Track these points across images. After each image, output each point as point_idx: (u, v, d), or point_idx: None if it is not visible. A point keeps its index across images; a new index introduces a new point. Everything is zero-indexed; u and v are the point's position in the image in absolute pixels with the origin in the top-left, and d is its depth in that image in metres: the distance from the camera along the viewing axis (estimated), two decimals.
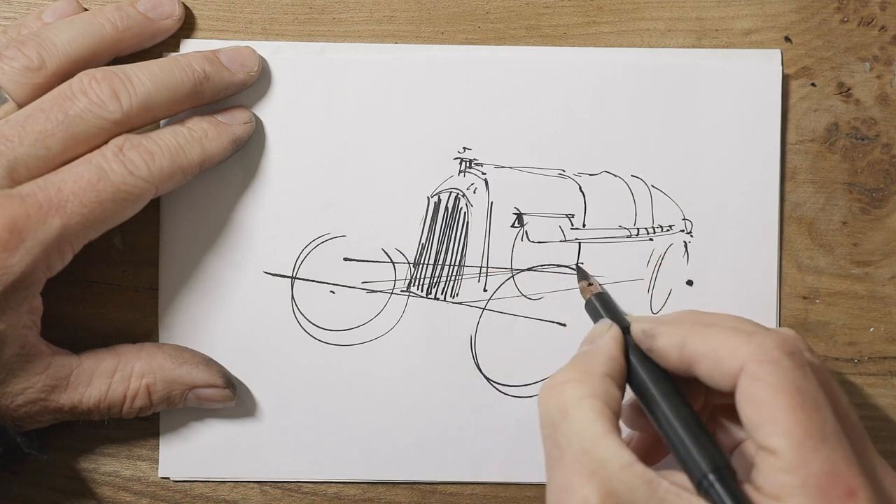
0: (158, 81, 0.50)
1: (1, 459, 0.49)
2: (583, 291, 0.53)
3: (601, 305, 0.52)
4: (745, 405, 0.42)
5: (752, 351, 0.42)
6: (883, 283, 0.55)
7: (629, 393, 0.47)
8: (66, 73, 0.50)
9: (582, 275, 0.54)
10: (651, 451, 0.50)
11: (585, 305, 0.53)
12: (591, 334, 0.49)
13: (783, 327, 0.46)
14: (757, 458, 0.42)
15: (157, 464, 0.55)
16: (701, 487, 0.42)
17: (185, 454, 0.54)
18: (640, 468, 0.42)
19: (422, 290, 0.55)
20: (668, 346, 0.46)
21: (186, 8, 0.54)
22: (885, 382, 0.55)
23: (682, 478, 0.43)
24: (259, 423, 0.55)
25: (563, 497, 0.42)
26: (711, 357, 0.44)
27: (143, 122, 0.50)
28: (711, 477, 0.42)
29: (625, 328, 0.49)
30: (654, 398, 0.46)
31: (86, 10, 0.53)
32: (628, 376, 0.47)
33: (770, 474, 0.41)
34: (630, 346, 0.48)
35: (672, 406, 0.45)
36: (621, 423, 0.46)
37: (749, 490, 0.41)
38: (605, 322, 0.50)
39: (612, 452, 0.42)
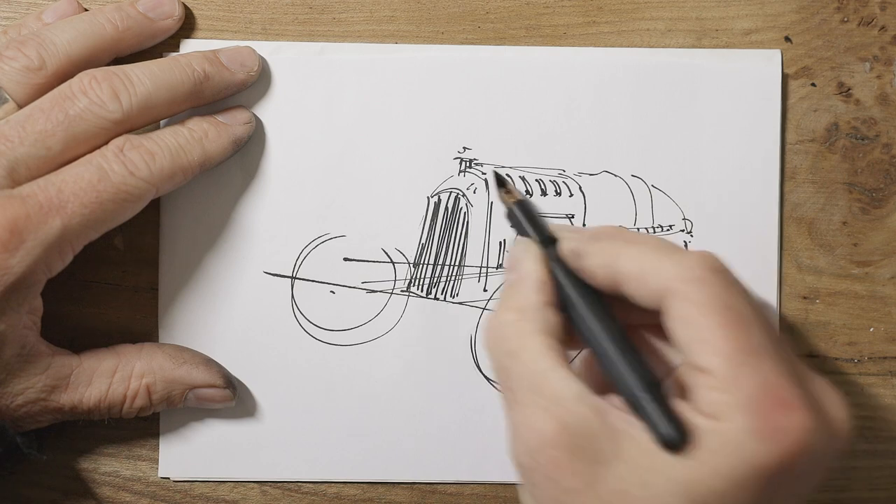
0: (158, 81, 0.50)
1: (1, 460, 0.49)
2: (502, 200, 0.50)
3: (524, 215, 0.49)
4: (675, 325, 0.42)
5: (678, 270, 0.42)
6: (883, 283, 0.55)
7: None
8: (66, 74, 0.50)
9: (499, 181, 0.51)
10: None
11: (506, 215, 0.50)
12: (511, 258, 0.48)
13: (708, 251, 0.45)
14: (690, 378, 0.42)
15: (157, 464, 0.55)
16: (633, 405, 0.42)
17: (185, 454, 0.54)
18: (590, 399, 0.42)
19: (422, 290, 0.55)
20: (596, 265, 0.45)
21: (186, 8, 0.54)
22: (885, 382, 0.55)
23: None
24: (259, 423, 0.55)
25: (521, 433, 0.42)
26: (638, 277, 0.43)
27: (143, 122, 0.50)
28: (641, 395, 0.42)
29: (546, 239, 0.47)
30: (581, 317, 0.45)
31: (86, 10, 0.53)
32: (556, 293, 0.46)
33: (705, 393, 0.41)
34: (554, 262, 0.47)
35: (600, 324, 0.45)
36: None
37: (686, 410, 0.41)
38: (523, 241, 0.48)
39: (562, 385, 0.42)
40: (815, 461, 0.41)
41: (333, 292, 0.55)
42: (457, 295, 0.55)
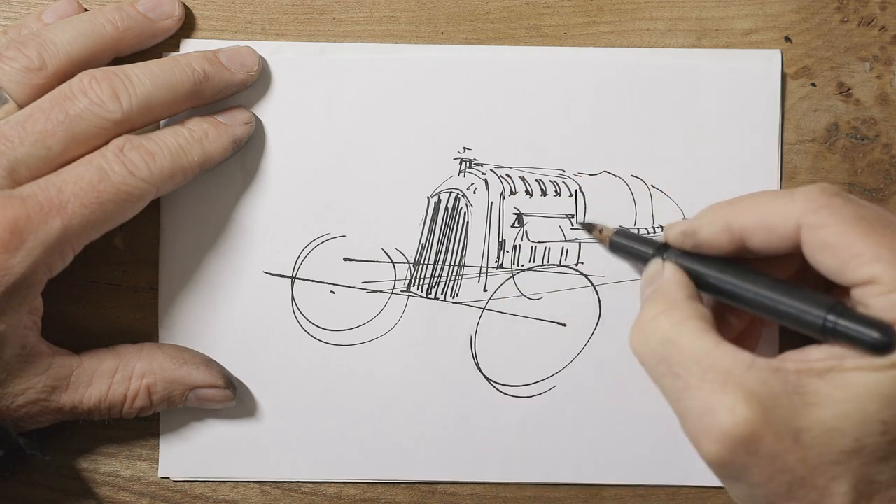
0: (158, 81, 0.50)
1: (3, 460, 0.49)
2: (600, 240, 0.52)
3: (627, 239, 0.51)
4: (821, 255, 0.42)
5: (801, 206, 0.43)
6: None
7: None
8: (66, 74, 0.50)
9: (588, 227, 0.53)
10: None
11: (610, 249, 0.51)
12: (647, 277, 0.49)
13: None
14: (857, 297, 0.42)
15: (157, 464, 0.55)
16: (827, 332, 0.42)
17: (185, 454, 0.54)
18: (762, 361, 0.42)
19: (422, 290, 0.55)
20: (714, 232, 0.46)
21: (186, 8, 0.54)
22: None
23: (796, 355, 0.43)
24: (259, 423, 0.55)
25: (709, 420, 0.42)
26: (763, 226, 0.44)
27: (143, 122, 0.50)
28: (832, 317, 0.42)
29: (661, 246, 0.48)
30: (733, 285, 0.46)
31: (86, 10, 0.53)
32: (699, 287, 0.47)
33: (879, 302, 0.41)
34: (682, 258, 0.47)
35: (754, 280, 0.45)
36: None
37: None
38: (655, 262, 0.49)
39: (733, 358, 0.42)
40: None
41: (333, 292, 0.55)
42: (457, 295, 0.55)
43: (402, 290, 0.55)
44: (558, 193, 0.55)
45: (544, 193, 0.55)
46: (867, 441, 0.41)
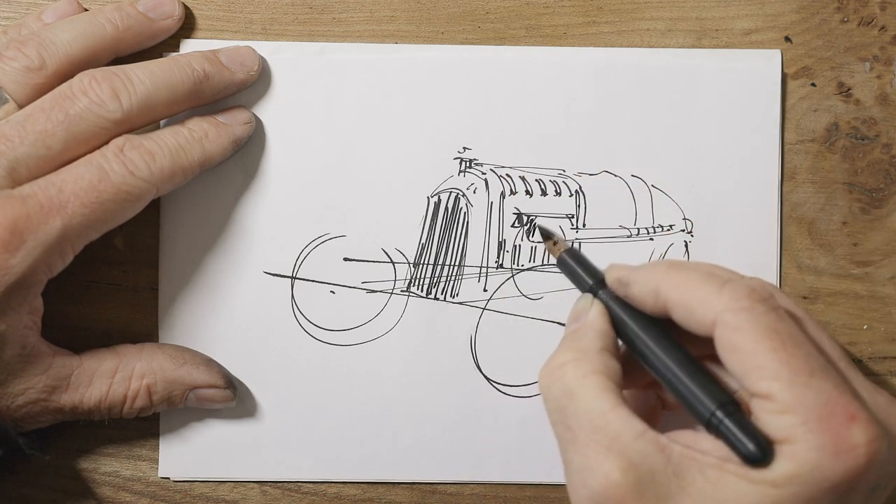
0: (158, 81, 0.50)
1: (3, 460, 0.49)
2: (550, 250, 0.51)
3: (574, 261, 0.49)
4: (728, 355, 0.42)
5: (724, 301, 0.42)
6: (883, 283, 0.55)
7: None
8: (66, 73, 0.50)
9: (545, 233, 0.51)
10: (651, 413, 0.50)
11: (557, 263, 0.50)
12: (574, 311, 0.48)
13: (753, 277, 0.46)
14: (752, 405, 0.42)
15: (157, 464, 0.55)
16: (711, 426, 0.42)
17: (185, 454, 0.54)
18: (652, 435, 0.42)
19: (422, 290, 0.55)
20: (643, 293, 0.45)
21: (186, 8, 0.54)
22: (885, 382, 0.55)
23: (689, 437, 0.43)
24: (259, 423, 0.55)
25: (585, 477, 0.42)
26: (684, 306, 0.44)
27: (143, 121, 0.50)
28: (719, 413, 0.42)
29: (599, 281, 0.48)
30: (645, 346, 0.45)
31: (86, 10, 0.53)
32: (617, 331, 0.47)
33: (770, 419, 0.41)
34: (612, 300, 0.47)
35: (665, 351, 0.45)
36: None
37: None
38: (586, 297, 0.49)
39: (624, 424, 0.42)
40: (886, 472, 0.41)
41: (333, 292, 0.55)
42: (457, 295, 0.55)
43: (402, 290, 0.55)
44: (558, 193, 0.55)
45: (544, 193, 0.55)
46: None
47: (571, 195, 0.55)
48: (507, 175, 0.55)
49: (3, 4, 0.55)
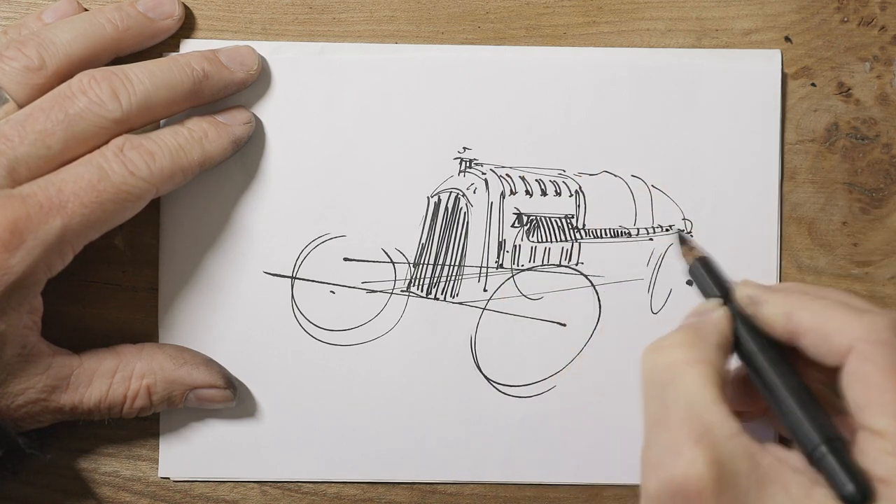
0: (158, 81, 0.50)
1: (2, 460, 0.49)
2: (685, 256, 0.50)
3: (706, 270, 0.49)
4: (853, 385, 0.42)
5: (863, 330, 0.42)
6: (883, 283, 0.55)
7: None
8: (66, 73, 0.50)
9: (682, 240, 0.51)
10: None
11: (689, 270, 0.50)
12: (698, 308, 0.48)
13: (891, 310, 0.45)
14: (861, 440, 0.41)
15: (157, 464, 0.55)
16: (813, 458, 0.42)
17: (185, 454, 0.54)
18: (745, 439, 0.41)
19: (422, 290, 0.55)
20: (775, 314, 0.45)
21: (186, 8, 0.54)
22: None
23: (783, 453, 0.43)
24: (259, 423, 0.55)
25: (667, 459, 0.41)
26: (819, 331, 0.43)
27: (142, 121, 0.50)
28: (824, 448, 0.42)
29: (727, 294, 0.47)
30: (763, 367, 0.45)
31: (86, 10, 0.53)
32: (735, 346, 0.46)
33: (878, 457, 0.40)
34: (737, 315, 0.46)
35: (782, 375, 0.44)
36: None
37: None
38: (713, 300, 0.48)
39: (722, 420, 0.42)
40: None
41: (333, 292, 0.55)
42: (457, 295, 0.55)
43: (402, 290, 0.55)
44: (558, 193, 0.55)
45: (544, 193, 0.55)
46: None
47: (571, 195, 0.55)
48: (507, 175, 0.55)
49: (3, 4, 0.55)
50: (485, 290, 0.55)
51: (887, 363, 0.41)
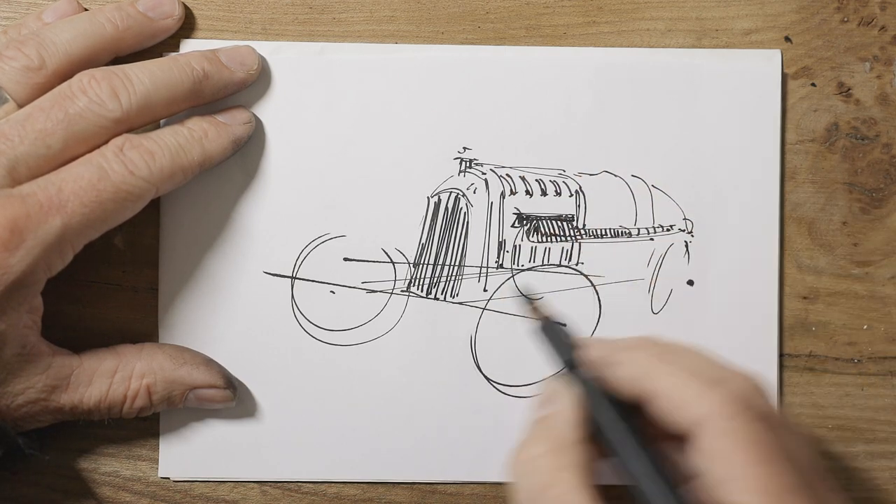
0: (158, 80, 0.50)
1: (2, 460, 0.49)
2: (529, 314, 0.51)
3: (550, 334, 0.49)
4: (706, 459, 0.42)
5: (715, 404, 0.42)
6: (883, 283, 0.55)
7: None
8: (66, 73, 0.50)
9: (528, 300, 0.51)
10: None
11: (534, 333, 0.50)
12: (545, 395, 0.48)
13: (745, 374, 0.45)
14: None
15: (157, 464, 0.55)
16: None
17: (185, 454, 0.54)
18: None
19: (422, 290, 0.55)
20: (626, 378, 0.45)
21: (186, 8, 0.54)
22: (885, 382, 0.55)
23: None
24: (259, 423, 0.55)
25: None
26: (671, 400, 0.43)
27: (142, 121, 0.50)
28: None
29: (571, 359, 0.47)
30: (618, 438, 0.45)
31: (86, 9, 0.53)
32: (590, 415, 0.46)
33: None
34: (585, 385, 0.46)
35: (633, 454, 0.44)
36: None
37: None
38: (560, 380, 0.48)
39: None
40: None
41: (333, 292, 0.55)
42: (457, 295, 0.55)
43: (402, 290, 0.55)
44: (558, 193, 0.55)
45: (544, 193, 0.55)
46: None
47: (571, 195, 0.55)
48: (508, 175, 0.55)
49: (3, 4, 0.55)
50: (485, 290, 0.55)
51: (738, 437, 0.41)
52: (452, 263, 0.55)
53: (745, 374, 0.45)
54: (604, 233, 0.55)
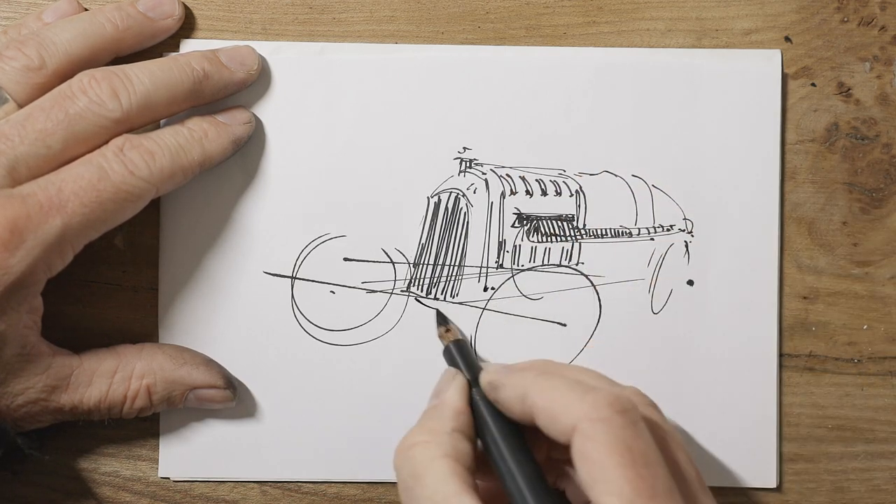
0: (158, 81, 0.50)
1: (2, 460, 0.49)
2: (441, 337, 0.53)
3: (458, 353, 0.51)
4: (579, 463, 0.42)
5: (585, 409, 0.43)
6: (883, 283, 0.55)
7: None
8: (66, 73, 0.50)
9: (441, 319, 0.53)
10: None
11: (443, 352, 0.52)
12: (438, 386, 0.50)
13: (626, 385, 0.47)
14: None
15: (157, 464, 0.55)
16: None
17: (185, 454, 0.54)
18: None
19: (422, 290, 0.55)
20: (511, 398, 0.46)
21: (186, 8, 0.54)
22: (884, 382, 0.55)
23: None
24: (259, 423, 0.55)
25: None
26: (548, 412, 0.44)
27: (143, 121, 0.50)
28: None
29: (476, 377, 0.49)
30: (496, 454, 0.46)
31: (86, 9, 0.53)
32: (479, 433, 0.48)
33: None
34: (478, 398, 0.48)
35: (515, 462, 0.45)
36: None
37: None
38: (450, 371, 0.50)
39: None
40: None
41: (333, 292, 0.55)
42: (457, 295, 0.55)
43: (402, 290, 0.55)
44: (558, 193, 0.55)
45: (544, 193, 0.55)
46: None
47: (572, 195, 0.55)
48: (508, 175, 0.55)
49: (3, 4, 0.55)
50: (485, 290, 0.55)
51: (606, 440, 0.42)
52: (452, 263, 0.55)
53: (629, 387, 0.47)
54: (604, 233, 0.55)
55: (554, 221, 0.55)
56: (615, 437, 0.42)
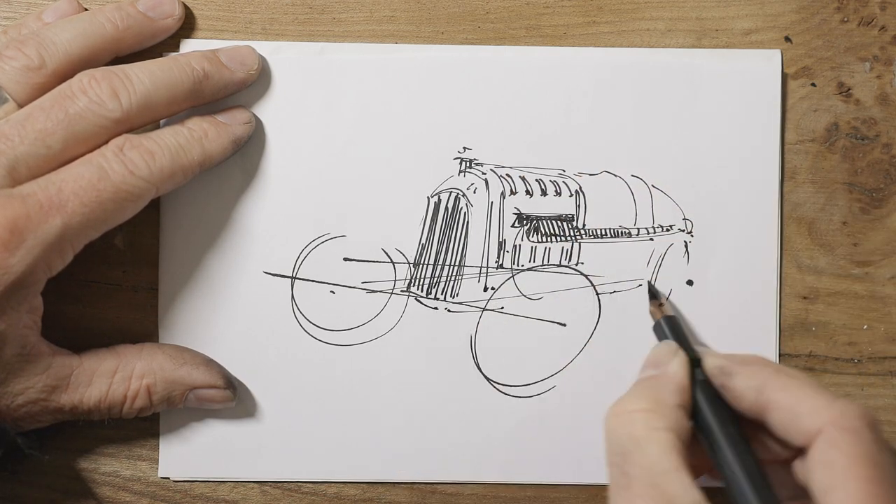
0: (158, 80, 0.50)
1: (2, 460, 0.49)
2: (652, 314, 0.53)
3: (670, 329, 0.51)
4: (819, 468, 0.42)
5: (833, 415, 0.42)
6: (883, 283, 0.55)
7: None
8: (66, 73, 0.50)
9: (652, 293, 0.53)
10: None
11: (654, 327, 0.52)
12: (654, 357, 0.49)
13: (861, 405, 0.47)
14: None
15: (157, 464, 0.55)
16: None
17: (185, 454, 0.54)
18: None
19: (422, 290, 0.55)
20: (745, 388, 0.45)
21: (186, 8, 0.54)
22: (884, 382, 0.55)
23: None
24: (259, 423, 0.55)
25: None
26: (791, 410, 0.44)
27: (143, 121, 0.50)
28: None
29: (691, 357, 0.48)
30: (718, 440, 0.45)
31: (86, 9, 0.53)
32: (696, 417, 0.47)
33: None
34: (697, 382, 0.47)
35: (737, 452, 0.45)
36: None
37: None
38: (670, 345, 0.49)
39: (683, 490, 0.42)
40: None
41: (333, 292, 0.55)
42: (457, 295, 0.55)
43: (402, 290, 0.55)
44: (558, 193, 0.55)
45: (544, 193, 0.55)
46: None
47: (571, 195, 0.55)
48: (508, 175, 0.55)
49: (3, 4, 0.55)
50: (485, 290, 0.55)
51: (855, 451, 0.41)
52: (452, 263, 0.55)
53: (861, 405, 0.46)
54: (604, 233, 0.55)
55: (554, 221, 0.55)
56: (863, 450, 0.41)
